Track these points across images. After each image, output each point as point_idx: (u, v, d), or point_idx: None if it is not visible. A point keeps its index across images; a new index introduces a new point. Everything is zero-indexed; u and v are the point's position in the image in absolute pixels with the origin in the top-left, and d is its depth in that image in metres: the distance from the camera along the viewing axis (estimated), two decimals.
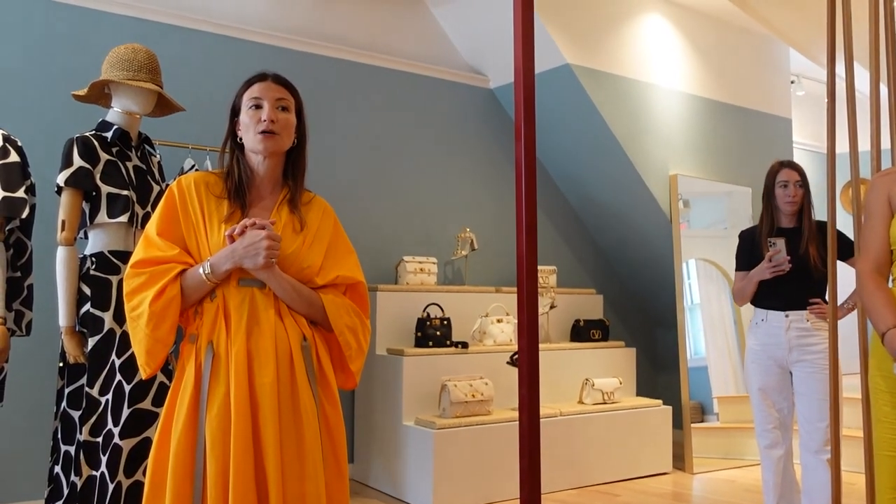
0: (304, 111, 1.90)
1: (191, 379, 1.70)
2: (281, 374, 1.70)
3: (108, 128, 2.62)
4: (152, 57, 2.68)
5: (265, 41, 4.13)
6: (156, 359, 1.74)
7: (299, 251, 1.79)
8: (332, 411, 1.78)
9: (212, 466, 1.63)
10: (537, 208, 1.92)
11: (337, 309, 1.80)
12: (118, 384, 2.49)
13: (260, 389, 1.68)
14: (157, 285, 1.70)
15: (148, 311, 1.69)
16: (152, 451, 1.71)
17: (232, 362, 1.68)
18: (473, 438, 3.79)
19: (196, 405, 1.69)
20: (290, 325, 1.74)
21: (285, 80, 1.87)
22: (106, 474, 2.44)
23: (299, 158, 1.88)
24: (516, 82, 1.87)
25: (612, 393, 4.39)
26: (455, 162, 4.82)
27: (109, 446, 2.45)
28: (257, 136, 1.78)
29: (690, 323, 4.79)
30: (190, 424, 1.68)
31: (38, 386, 3.32)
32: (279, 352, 1.71)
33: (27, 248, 2.56)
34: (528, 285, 1.81)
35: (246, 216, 1.78)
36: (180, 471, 1.65)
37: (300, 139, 1.88)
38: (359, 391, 4.24)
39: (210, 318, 1.72)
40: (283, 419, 1.68)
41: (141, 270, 1.73)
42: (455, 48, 4.90)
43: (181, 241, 1.77)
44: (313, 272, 1.80)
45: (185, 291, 1.73)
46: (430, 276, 4.37)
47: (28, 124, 3.36)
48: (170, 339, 1.73)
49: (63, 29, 3.57)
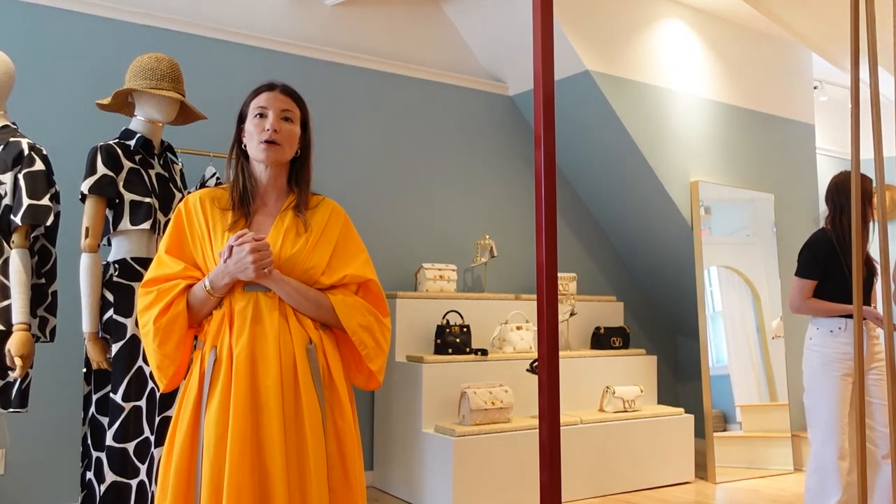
0: (311, 123, 1.92)
1: (195, 383, 1.74)
2: (284, 377, 1.70)
3: (131, 136, 2.65)
4: (175, 66, 2.71)
5: (285, 50, 4.16)
6: (166, 374, 1.78)
7: (302, 252, 1.80)
8: (340, 416, 1.77)
9: (207, 467, 1.64)
10: (557, 215, 1.91)
11: (348, 308, 1.80)
12: (151, 391, 2.51)
13: (263, 392, 1.69)
14: (163, 302, 1.75)
15: (153, 328, 1.74)
16: (163, 456, 1.74)
17: (234, 365, 1.69)
18: (493, 446, 3.77)
19: (199, 408, 1.71)
20: (295, 329, 1.75)
21: (292, 91, 1.89)
22: (146, 483, 2.46)
23: (303, 168, 1.90)
24: (536, 89, 1.86)
25: (633, 401, 4.36)
26: (474, 169, 4.82)
27: (149, 454, 2.48)
28: (260, 145, 1.82)
29: (712, 331, 4.75)
30: (192, 427, 1.70)
31: (62, 392, 3.35)
32: (283, 355, 1.71)
33: (52, 255, 2.59)
34: (548, 292, 1.80)
35: (250, 224, 1.81)
36: (182, 473, 1.68)
37: (304, 150, 1.91)
38: (378, 398, 4.24)
39: (215, 324, 1.76)
40: (288, 421, 1.69)
41: (149, 289, 1.79)
42: (474, 55, 4.91)
43: (188, 258, 1.81)
44: (318, 272, 1.81)
45: (193, 306, 1.77)
46: (450, 283, 4.37)
47: (52, 133, 3.41)
48: (177, 354, 1.76)
49: (86, 39, 3.61)
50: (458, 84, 4.78)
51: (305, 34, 4.28)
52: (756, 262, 4.99)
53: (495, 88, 4.93)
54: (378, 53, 4.52)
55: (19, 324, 2.37)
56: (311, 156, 1.92)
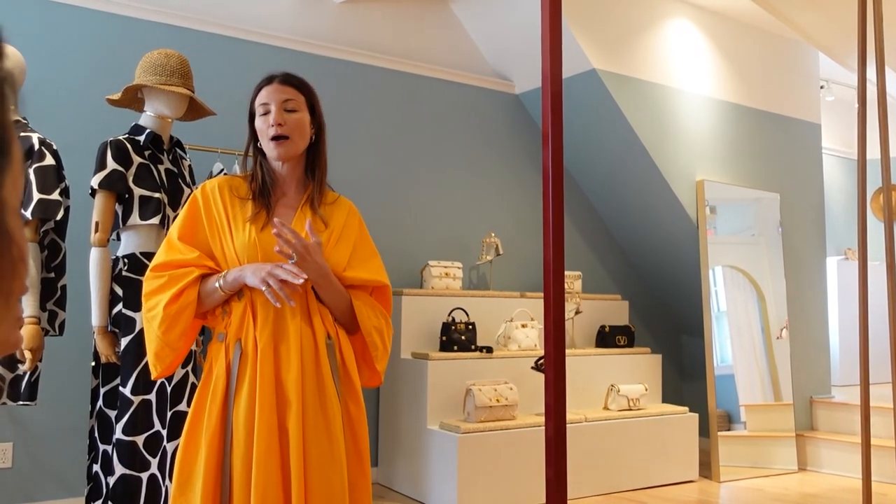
0: (319, 105, 1.89)
1: (221, 378, 1.72)
2: (306, 370, 1.71)
3: (140, 131, 2.67)
4: (184, 62, 2.73)
5: (292, 46, 4.18)
6: (163, 362, 1.75)
7: (324, 249, 1.79)
8: (354, 408, 1.79)
9: (238, 462, 1.65)
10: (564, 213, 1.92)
11: (367, 310, 1.83)
12: (161, 385, 2.53)
13: (286, 386, 1.70)
14: (174, 288, 1.72)
15: (162, 314, 1.71)
16: (179, 449, 1.73)
17: (259, 359, 1.70)
18: (498, 443, 3.79)
19: (226, 403, 1.71)
20: (316, 323, 1.76)
21: (293, 79, 1.85)
22: (158, 476, 2.48)
23: (319, 155, 1.88)
24: (544, 87, 1.87)
25: (637, 399, 4.36)
26: (480, 167, 4.83)
27: (160, 448, 2.49)
28: (270, 142, 1.79)
29: (717, 330, 4.75)
30: (220, 423, 1.70)
31: (71, 385, 3.37)
32: (304, 348, 1.72)
33: (61, 250, 2.61)
34: (555, 290, 1.81)
35: (271, 216, 1.79)
36: (211, 468, 1.67)
37: (318, 134, 1.87)
38: (383, 395, 4.25)
39: (238, 317, 1.74)
40: (310, 414, 1.70)
41: (160, 273, 1.75)
42: (481, 54, 4.92)
43: (202, 246, 1.78)
44: (340, 269, 1.81)
45: (202, 298, 1.75)
46: (456, 280, 4.38)
47: (62, 128, 3.43)
48: (179, 343, 1.74)
49: (97, 35, 3.63)
50: (465, 82, 4.79)
51: (313, 31, 4.29)
52: (761, 262, 4.98)
53: (502, 86, 4.94)
54: (386, 51, 4.53)
55: (29, 317, 2.40)
56: (324, 140, 1.89)
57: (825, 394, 5.19)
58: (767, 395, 4.82)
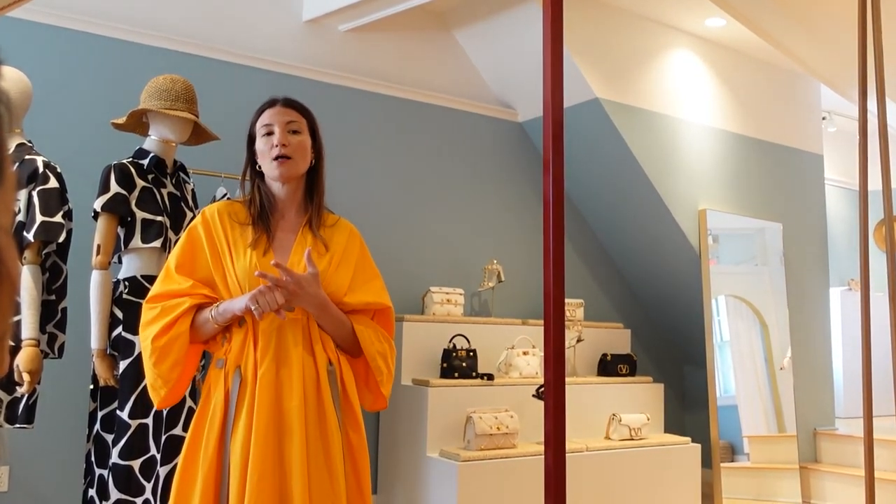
0: (319, 130, 1.90)
1: (219, 405, 1.71)
2: (308, 398, 1.70)
3: (144, 155, 2.68)
4: (189, 87, 2.75)
5: (297, 73, 4.21)
6: (158, 394, 1.74)
7: (326, 273, 1.79)
8: (355, 435, 1.78)
9: (234, 490, 1.64)
10: (565, 241, 1.91)
11: (370, 334, 1.81)
12: (158, 410, 2.51)
13: (287, 414, 1.68)
14: (165, 321, 1.71)
15: (150, 346, 1.71)
16: (176, 475, 1.72)
17: (259, 387, 1.68)
18: (498, 471, 3.75)
19: (224, 430, 1.69)
20: (318, 351, 1.75)
21: (295, 103, 1.88)
22: (151, 501, 2.45)
23: (318, 178, 1.89)
24: (545, 115, 1.88)
25: (639, 429, 4.33)
26: (483, 194, 4.85)
27: (154, 473, 2.47)
28: (272, 162, 1.80)
29: (720, 360, 4.72)
30: (218, 450, 1.68)
31: (69, 408, 3.35)
32: (306, 376, 1.71)
33: (62, 272, 2.61)
34: (555, 318, 1.80)
35: (271, 240, 1.79)
36: (208, 496, 1.66)
37: (317, 159, 1.89)
38: (383, 422, 4.22)
39: (238, 344, 1.73)
40: (311, 443, 1.68)
41: (154, 305, 1.75)
42: (484, 82, 4.95)
43: (203, 273, 1.77)
44: (341, 293, 1.80)
45: (198, 327, 1.74)
46: (457, 307, 4.37)
47: (67, 151, 3.44)
48: (171, 375, 1.72)
49: (103, 60, 3.67)
50: (468, 110, 4.82)
51: (318, 59, 4.33)
52: (764, 292, 4.97)
53: (505, 115, 4.97)
54: (389, 78, 4.57)
55: (28, 339, 2.39)
56: (323, 164, 1.90)
57: (829, 426, 5.14)
58: (771, 427, 4.78)
